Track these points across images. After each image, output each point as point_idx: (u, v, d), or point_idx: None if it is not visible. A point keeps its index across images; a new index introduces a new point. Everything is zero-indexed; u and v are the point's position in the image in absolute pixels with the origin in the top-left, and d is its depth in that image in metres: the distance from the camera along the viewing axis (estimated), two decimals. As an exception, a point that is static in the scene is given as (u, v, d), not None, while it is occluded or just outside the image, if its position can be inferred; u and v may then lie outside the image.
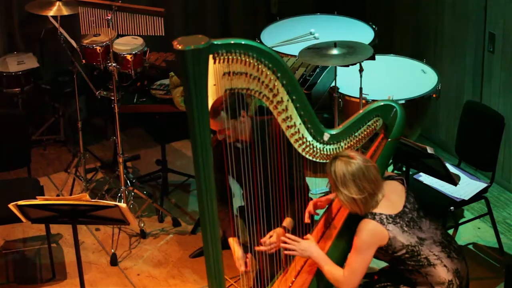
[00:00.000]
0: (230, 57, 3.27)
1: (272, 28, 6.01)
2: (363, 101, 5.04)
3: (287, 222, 4.19)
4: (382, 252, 3.81)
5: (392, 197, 3.85)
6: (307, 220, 4.08)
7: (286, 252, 3.90)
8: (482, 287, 4.93)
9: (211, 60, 3.20)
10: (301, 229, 4.14)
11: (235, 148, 4.11)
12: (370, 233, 3.74)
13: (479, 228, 5.47)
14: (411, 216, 3.85)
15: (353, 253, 3.77)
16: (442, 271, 3.82)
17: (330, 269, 3.81)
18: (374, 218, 3.75)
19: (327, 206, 4.15)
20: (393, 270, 4.01)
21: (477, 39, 5.82)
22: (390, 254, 3.81)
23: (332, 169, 3.75)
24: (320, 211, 4.17)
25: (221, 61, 3.25)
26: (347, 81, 5.22)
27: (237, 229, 4.31)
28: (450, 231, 5.28)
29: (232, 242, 4.25)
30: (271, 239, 4.10)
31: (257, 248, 4.09)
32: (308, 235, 3.92)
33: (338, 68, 4.93)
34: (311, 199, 4.25)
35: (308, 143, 3.76)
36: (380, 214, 3.76)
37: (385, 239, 3.76)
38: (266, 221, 4.14)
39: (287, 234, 3.95)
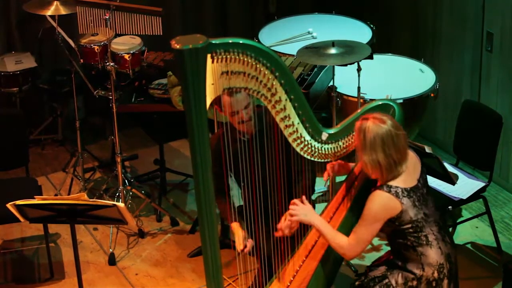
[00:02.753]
0: (228, 56, 3.27)
1: (270, 27, 6.02)
2: (361, 100, 5.04)
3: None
4: (388, 222, 3.77)
5: (410, 170, 3.80)
6: (325, 178, 4.04)
7: (289, 218, 3.85)
8: (480, 286, 4.93)
9: (209, 60, 3.20)
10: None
11: (241, 140, 4.08)
12: (382, 206, 3.71)
13: (477, 227, 5.47)
14: (422, 191, 3.83)
15: (362, 223, 3.74)
16: (436, 253, 3.81)
17: (332, 234, 3.79)
18: (389, 191, 3.71)
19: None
20: (385, 262, 4.00)
21: (475, 38, 5.82)
22: (396, 225, 3.78)
23: (362, 129, 3.68)
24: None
25: (219, 60, 3.25)
26: (345, 80, 5.22)
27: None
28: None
29: (234, 225, 4.21)
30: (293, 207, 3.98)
31: (276, 234, 3.96)
32: (296, 200, 3.87)
33: (336, 68, 4.93)
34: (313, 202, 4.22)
35: (306, 143, 3.75)
36: (396, 187, 3.72)
37: (396, 211, 3.72)
38: (270, 212, 4.10)
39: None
